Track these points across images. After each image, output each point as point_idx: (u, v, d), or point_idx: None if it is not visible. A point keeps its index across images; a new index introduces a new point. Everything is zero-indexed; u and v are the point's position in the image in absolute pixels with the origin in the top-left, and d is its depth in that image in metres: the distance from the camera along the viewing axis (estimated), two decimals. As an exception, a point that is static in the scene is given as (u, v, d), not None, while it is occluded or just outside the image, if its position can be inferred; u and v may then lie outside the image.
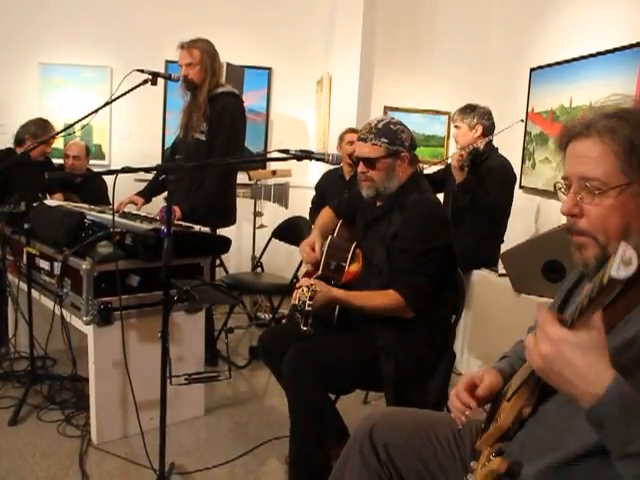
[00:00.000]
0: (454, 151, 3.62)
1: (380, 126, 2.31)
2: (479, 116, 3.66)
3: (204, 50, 3.44)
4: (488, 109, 3.72)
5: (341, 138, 4.33)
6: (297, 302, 2.03)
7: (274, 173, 5.02)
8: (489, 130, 3.69)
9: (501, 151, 3.79)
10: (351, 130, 4.31)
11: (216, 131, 3.45)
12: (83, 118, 2.97)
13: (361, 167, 2.35)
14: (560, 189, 1.26)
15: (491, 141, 3.72)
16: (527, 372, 1.29)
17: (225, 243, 3.11)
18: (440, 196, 3.78)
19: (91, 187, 4.44)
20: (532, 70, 4.58)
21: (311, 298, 2.03)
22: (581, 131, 1.19)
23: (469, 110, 3.69)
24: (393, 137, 2.30)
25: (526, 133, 4.65)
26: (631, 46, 3.40)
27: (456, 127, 3.74)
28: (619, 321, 1.14)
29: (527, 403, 1.32)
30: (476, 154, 3.59)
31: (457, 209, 3.61)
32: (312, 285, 2.09)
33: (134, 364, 2.64)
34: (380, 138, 2.28)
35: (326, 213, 2.77)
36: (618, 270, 0.89)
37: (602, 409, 0.99)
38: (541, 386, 1.28)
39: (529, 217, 4.54)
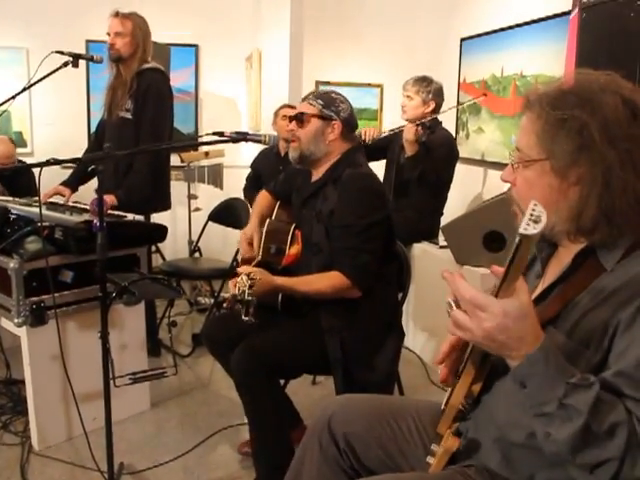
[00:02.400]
0: (408, 124, 3.53)
1: (322, 92, 2.40)
2: (434, 93, 3.61)
3: (137, 24, 3.31)
4: (441, 85, 3.69)
5: (276, 114, 4.22)
6: (237, 291, 1.96)
7: (207, 154, 4.89)
8: (440, 108, 3.68)
9: (435, 122, 3.78)
10: (286, 106, 4.21)
11: (143, 110, 3.31)
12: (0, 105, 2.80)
13: (291, 125, 2.34)
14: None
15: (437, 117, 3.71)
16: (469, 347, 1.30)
17: (161, 231, 3.00)
18: (380, 164, 3.77)
19: (16, 178, 4.20)
20: (463, 40, 4.59)
21: (250, 287, 1.95)
22: (524, 105, 1.26)
23: (425, 84, 3.62)
24: (329, 102, 2.31)
25: (459, 103, 4.66)
26: (561, 14, 3.43)
27: (408, 97, 3.66)
28: (569, 303, 1.18)
29: (476, 379, 1.31)
30: (423, 128, 3.56)
31: (402, 181, 3.59)
32: (251, 273, 2.02)
33: (73, 363, 2.52)
34: (317, 100, 2.31)
35: (263, 198, 2.67)
36: (527, 227, 0.92)
37: (526, 370, 1.06)
38: (491, 360, 1.27)
39: (465, 187, 4.57)
